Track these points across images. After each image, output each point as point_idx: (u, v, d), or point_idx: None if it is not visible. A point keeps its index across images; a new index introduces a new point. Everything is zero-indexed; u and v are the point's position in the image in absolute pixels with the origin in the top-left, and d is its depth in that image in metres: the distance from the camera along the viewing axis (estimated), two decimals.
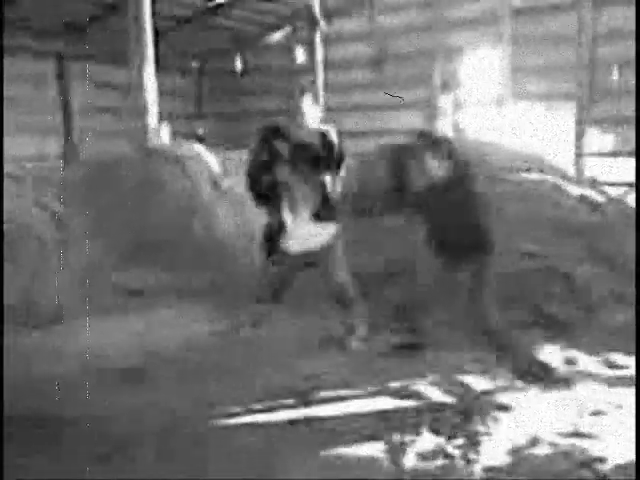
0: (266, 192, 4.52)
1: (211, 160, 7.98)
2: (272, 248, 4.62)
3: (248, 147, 4.84)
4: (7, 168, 7.40)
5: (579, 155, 10.27)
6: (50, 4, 10.52)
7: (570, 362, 4.38)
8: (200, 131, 14.15)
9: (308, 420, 3.61)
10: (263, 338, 4.96)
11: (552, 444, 3.29)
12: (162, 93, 8.84)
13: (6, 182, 6.88)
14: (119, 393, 4.01)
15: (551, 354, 4.50)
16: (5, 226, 6.00)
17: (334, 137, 4.57)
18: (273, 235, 4.60)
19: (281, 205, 4.53)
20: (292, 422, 3.59)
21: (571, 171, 8.88)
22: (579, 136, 10.31)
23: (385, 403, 3.82)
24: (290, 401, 3.87)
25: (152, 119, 8.43)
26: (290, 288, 4.91)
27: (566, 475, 3.01)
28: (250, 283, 5.24)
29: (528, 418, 3.58)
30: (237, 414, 3.72)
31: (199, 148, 8.29)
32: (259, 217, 4.90)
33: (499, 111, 11.18)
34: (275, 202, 4.53)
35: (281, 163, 4.44)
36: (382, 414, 3.67)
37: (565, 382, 4.02)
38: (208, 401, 3.87)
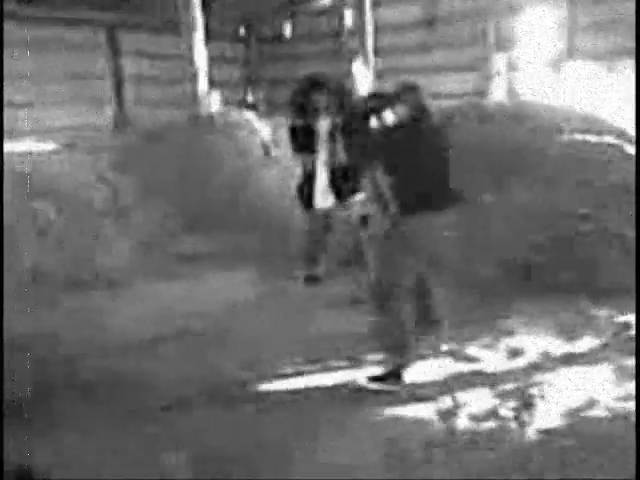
0: (303, 142, 4.52)
1: (261, 127, 7.98)
2: (303, 201, 4.63)
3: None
4: (62, 137, 7.58)
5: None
6: None
7: (625, 327, 4.26)
8: (250, 98, 14.15)
9: (359, 381, 3.62)
10: (307, 299, 4.99)
11: (608, 407, 3.23)
12: (211, 60, 8.86)
13: (62, 152, 7.06)
14: (167, 355, 4.12)
15: (604, 319, 4.38)
16: (61, 194, 6.16)
17: None
18: (302, 187, 4.61)
19: (314, 157, 4.51)
20: (343, 384, 3.61)
21: (632, 132, 8.56)
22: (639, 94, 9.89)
23: (437, 365, 3.80)
24: (340, 363, 3.88)
25: (202, 87, 8.47)
26: (324, 250, 4.90)
27: (622, 438, 2.94)
28: (296, 246, 5.27)
29: (583, 381, 3.52)
30: (287, 375, 3.76)
31: (249, 115, 8.31)
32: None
33: (556, 71, 10.83)
34: (308, 153, 4.52)
35: (319, 116, 4.41)
36: (434, 376, 3.66)
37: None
38: (258, 362, 3.92)
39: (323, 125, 4.49)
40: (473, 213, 5.48)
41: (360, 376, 3.66)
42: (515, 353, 3.93)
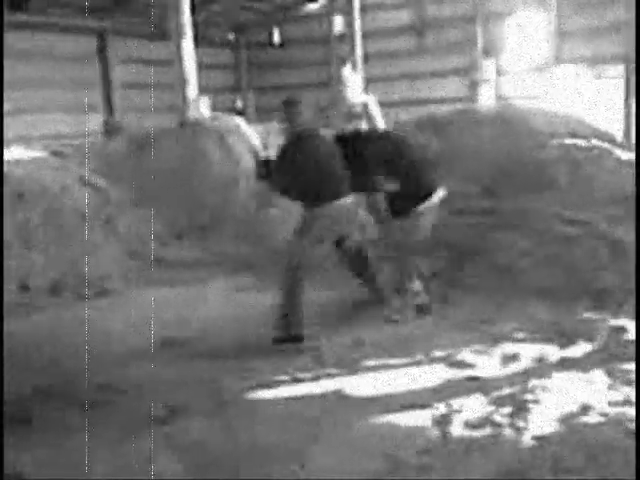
0: None
1: (250, 132, 7.97)
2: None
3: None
4: (51, 144, 7.52)
5: (627, 119, 9.96)
6: None
7: (620, 331, 4.26)
8: (239, 104, 14.14)
9: (353, 388, 3.60)
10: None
11: (602, 413, 3.22)
12: (201, 67, 8.85)
13: (50, 158, 7.00)
14: (165, 364, 4.07)
15: (598, 323, 4.39)
16: (49, 201, 6.11)
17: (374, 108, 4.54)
18: None
19: None
20: (337, 390, 3.59)
21: (619, 135, 8.62)
22: (628, 99, 9.99)
23: (431, 371, 3.79)
24: (335, 370, 3.87)
25: (191, 93, 8.45)
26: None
27: (616, 444, 2.94)
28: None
29: (578, 387, 3.51)
30: (282, 382, 3.74)
31: (238, 121, 8.28)
32: None
33: (544, 76, 10.89)
34: None
35: None
36: (428, 382, 3.65)
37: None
38: (252, 370, 3.90)
39: None
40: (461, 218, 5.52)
41: (352, 383, 3.65)
42: (509, 359, 3.92)
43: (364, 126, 5.36)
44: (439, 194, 4.70)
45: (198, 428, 3.25)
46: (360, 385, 3.66)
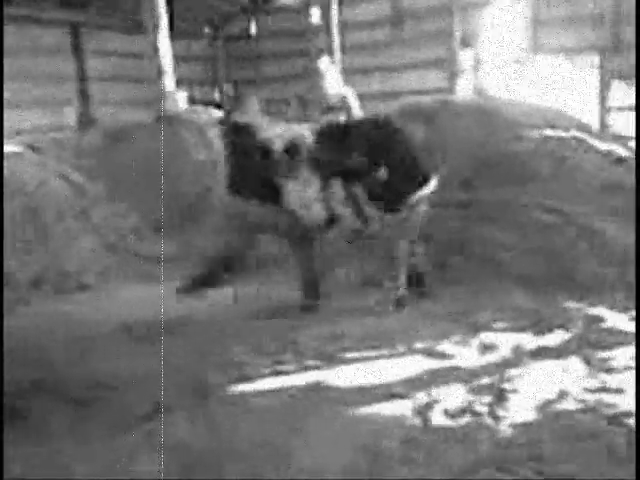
0: None
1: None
2: None
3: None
4: (26, 139, 7.42)
5: (604, 109, 10.04)
6: None
7: (596, 320, 4.32)
8: (216, 97, 14.05)
9: (334, 380, 3.61)
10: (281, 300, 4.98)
11: (579, 400, 3.26)
12: (177, 60, 8.77)
13: (26, 153, 6.91)
14: (146, 358, 4.05)
15: (576, 312, 4.44)
16: (26, 196, 6.04)
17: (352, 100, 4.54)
18: None
19: None
20: (318, 383, 3.60)
21: (596, 126, 8.69)
22: (603, 90, 10.06)
23: (411, 363, 3.81)
24: (316, 362, 3.87)
25: (168, 85, 8.38)
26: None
27: (594, 430, 2.98)
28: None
29: (555, 374, 3.55)
30: (263, 375, 3.74)
31: (216, 114, 8.23)
32: None
33: (521, 66, 10.94)
34: None
35: None
36: (408, 373, 3.67)
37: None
38: (233, 364, 3.89)
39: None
40: (444, 212, 5.54)
41: (332, 375, 3.66)
42: (487, 348, 3.96)
43: (342, 118, 5.34)
44: (433, 183, 4.71)
45: (182, 425, 3.23)
46: (340, 377, 3.67)
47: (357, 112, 5.05)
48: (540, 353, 3.85)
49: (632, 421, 3.02)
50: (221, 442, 3.06)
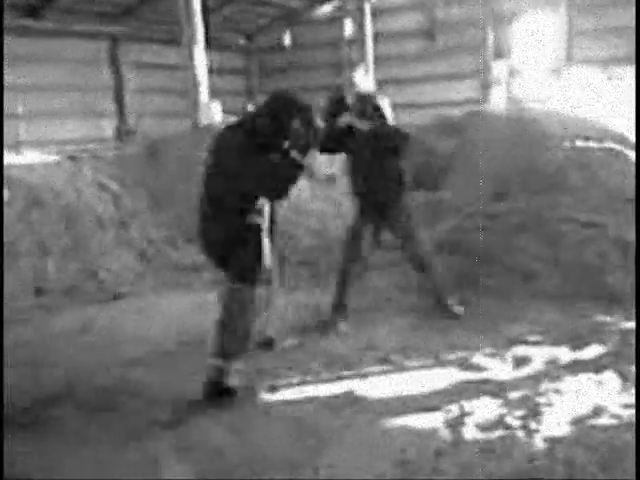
0: None
1: None
2: None
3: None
4: (65, 149, 7.59)
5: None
6: None
7: (631, 334, 4.25)
8: (250, 107, 14.19)
9: (367, 391, 3.62)
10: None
11: (614, 415, 3.22)
12: (212, 71, 8.89)
13: (65, 163, 7.07)
14: (173, 367, 4.11)
15: (610, 326, 4.38)
16: (65, 206, 6.18)
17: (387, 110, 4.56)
18: None
19: None
20: (351, 392, 3.61)
21: (632, 137, 8.57)
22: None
23: (444, 375, 3.81)
24: (350, 372, 3.89)
25: (203, 97, 8.49)
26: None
27: (629, 446, 2.94)
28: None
29: (590, 389, 3.52)
30: (295, 385, 3.76)
31: None
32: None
33: (556, 77, 10.86)
34: None
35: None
36: (441, 385, 3.66)
37: None
38: (264, 372, 3.92)
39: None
40: (476, 223, 5.52)
41: (365, 386, 3.67)
42: (521, 361, 3.93)
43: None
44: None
45: (207, 432, 3.26)
46: (372, 388, 3.67)
47: (390, 121, 5.02)
48: (575, 367, 3.81)
49: None
50: (254, 450, 3.09)
